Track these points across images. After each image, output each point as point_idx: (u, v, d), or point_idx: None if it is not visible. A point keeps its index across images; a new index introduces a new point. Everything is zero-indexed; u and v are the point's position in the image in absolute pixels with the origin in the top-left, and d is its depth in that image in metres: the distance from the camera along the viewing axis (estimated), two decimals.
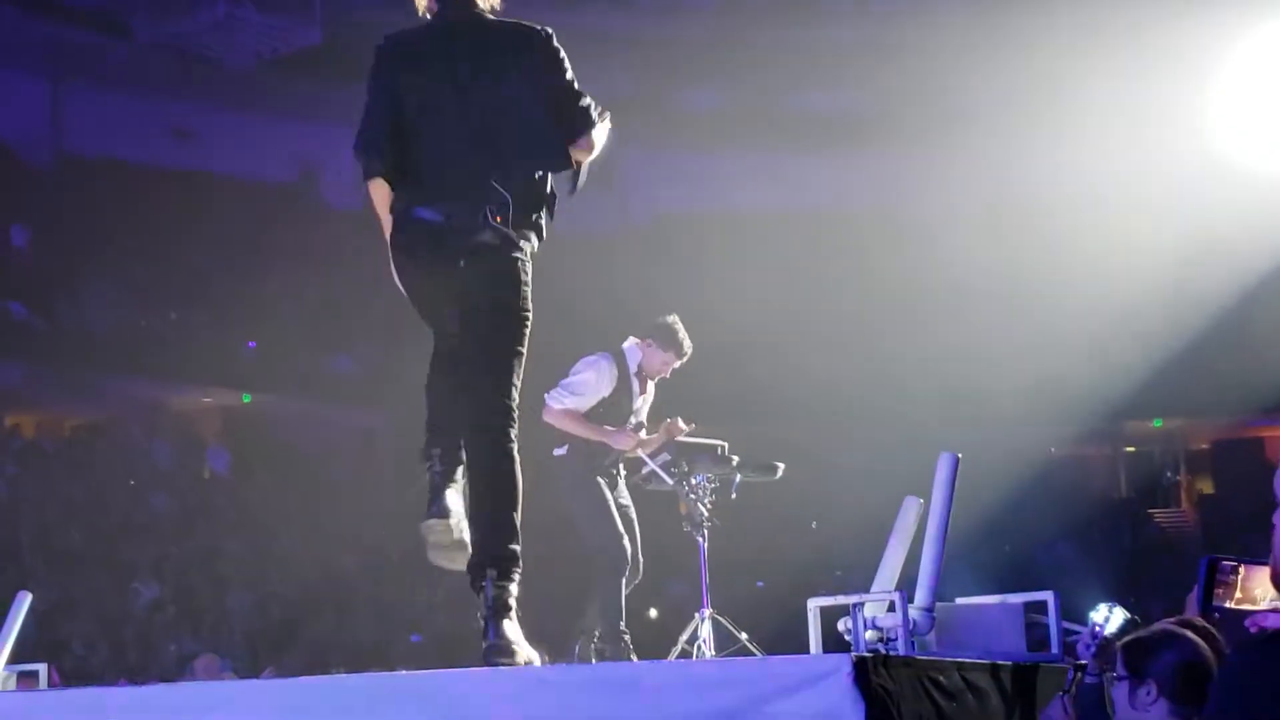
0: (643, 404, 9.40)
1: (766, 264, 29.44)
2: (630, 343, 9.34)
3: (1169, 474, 35.92)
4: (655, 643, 10.26)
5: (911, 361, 28.76)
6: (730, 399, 27.27)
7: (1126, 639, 5.10)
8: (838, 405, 29.65)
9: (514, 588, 5.72)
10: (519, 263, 5.66)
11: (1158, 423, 34.35)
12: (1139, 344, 28.73)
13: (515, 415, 5.71)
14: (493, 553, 5.69)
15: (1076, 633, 7.87)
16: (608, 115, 6.02)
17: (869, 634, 6.03)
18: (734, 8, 31.50)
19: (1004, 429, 27.85)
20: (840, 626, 6.21)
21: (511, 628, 5.71)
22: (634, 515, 9.27)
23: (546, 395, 9.17)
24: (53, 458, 26.42)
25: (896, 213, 32.37)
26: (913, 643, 5.96)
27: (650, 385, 9.42)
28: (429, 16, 6.06)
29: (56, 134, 30.95)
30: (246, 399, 29.41)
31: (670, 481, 9.19)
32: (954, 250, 29.71)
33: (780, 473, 9.55)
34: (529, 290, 5.70)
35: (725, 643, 8.98)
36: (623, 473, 9.35)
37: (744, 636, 8.90)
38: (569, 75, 5.85)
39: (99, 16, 29.07)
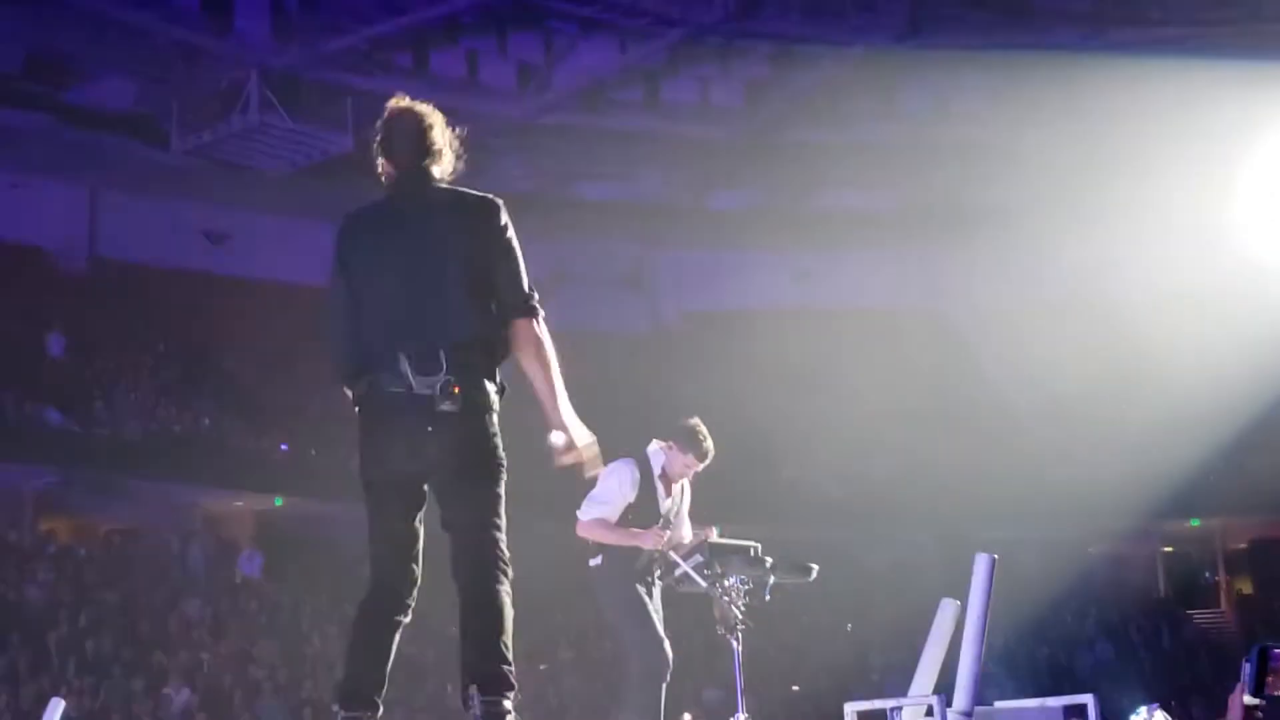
0: (672, 506, 9.32)
1: (797, 363, 29.45)
2: (654, 446, 9.29)
3: (1207, 574, 35.60)
4: None
5: (947, 461, 28.64)
6: (763, 499, 27.16)
7: None
8: (872, 505, 29.51)
9: (508, 705, 5.63)
10: (484, 421, 5.76)
11: (1195, 522, 34.08)
12: (1176, 444, 28.55)
13: (504, 547, 5.77)
14: (480, 671, 5.66)
15: None
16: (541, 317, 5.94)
17: None
18: (762, 109, 31.71)
19: (1041, 529, 27.66)
20: None
21: None
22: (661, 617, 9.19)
23: (577, 511, 9.16)
24: (86, 562, 26.40)
25: (929, 311, 32.39)
26: None
27: (678, 487, 9.35)
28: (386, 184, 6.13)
29: (92, 240, 31.23)
30: (279, 502, 29.41)
31: (703, 584, 9.09)
32: (988, 349, 29.69)
33: (815, 574, 9.44)
34: (499, 441, 5.78)
35: None
36: (658, 582, 9.27)
37: None
38: (516, 258, 5.87)
39: (134, 124, 29.41)
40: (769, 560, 9.12)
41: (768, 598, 9.06)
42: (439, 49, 30.34)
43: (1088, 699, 6.44)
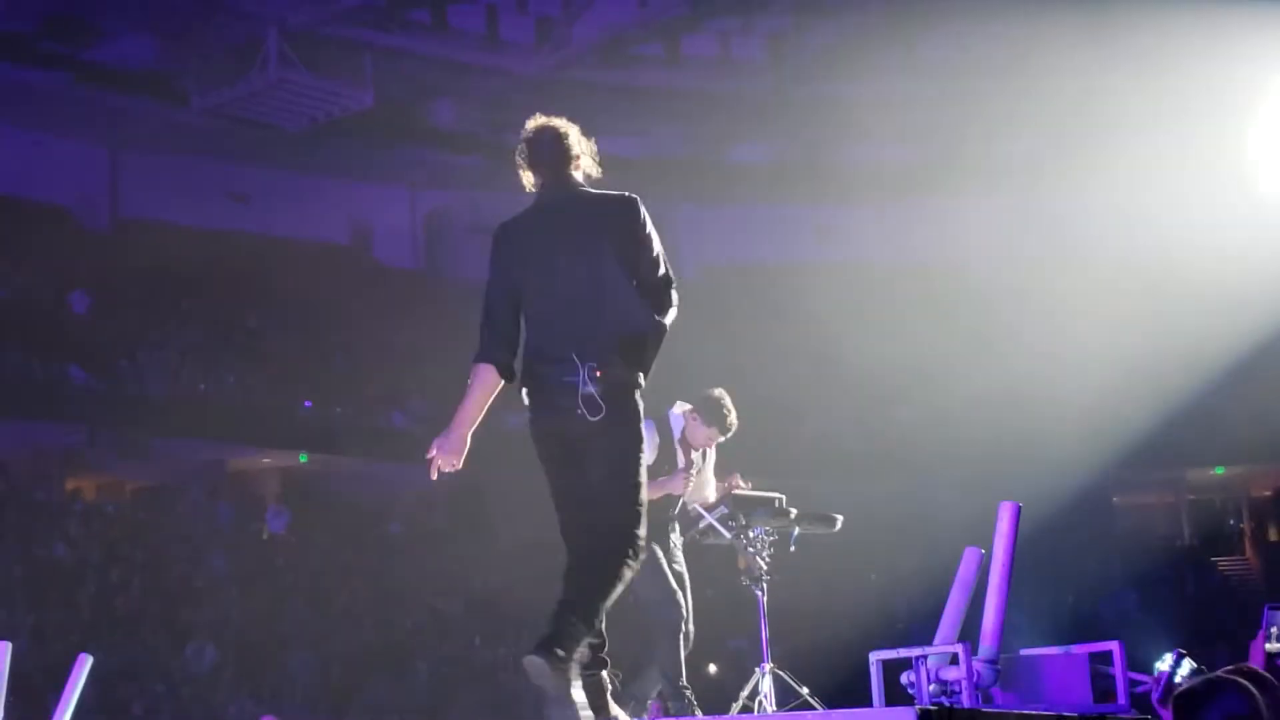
0: (690, 468, 9.29)
1: (818, 316, 29.39)
2: (677, 409, 9.29)
3: (1232, 521, 35.60)
4: (716, 699, 10.19)
5: (970, 411, 28.61)
6: (787, 451, 27.17)
7: (1177, 691, 5.01)
8: (896, 456, 29.53)
9: (605, 674, 6.44)
10: (629, 406, 6.45)
11: (1219, 470, 34.08)
12: (1199, 391, 28.52)
13: (639, 538, 6.37)
14: (558, 635, 6.13)
15: (1143, 683, 7.75)
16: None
17: (932, 687, 5.98)
18: (781, 63, 31.57)
19: (1065, 478, 27.63)
20: (903, 679, 6.15)
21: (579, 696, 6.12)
22: (688, 582, 9.20)
23: None
24: (113, 520, 26.55)
25: (951, 263, 32.30)
26: (977, 695, 5.90)
27: (698, 453, 9.33)
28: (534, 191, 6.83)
29: (114, 199, 31.29)
30: (304, 458, 29.53)
31: (728, 535, 9.11)
32: (1011, 300, 29.61)
33: (839, 525, 9.46)
34: (640, 425, 6.49)
35: (786, 698, 8.89)
36: (677, 541, 9.28)
37: (805, 691, 8.81)
38: (655, 246, 6.64)
39: (155, 83, 29.40)
40: (793, 511, 9.14)
41: (793, 548, 9.09)
42: (457, 4, 30.23)
43: (1113, 646, 6.45)
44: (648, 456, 9.10)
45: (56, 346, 27.20)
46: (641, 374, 6.54)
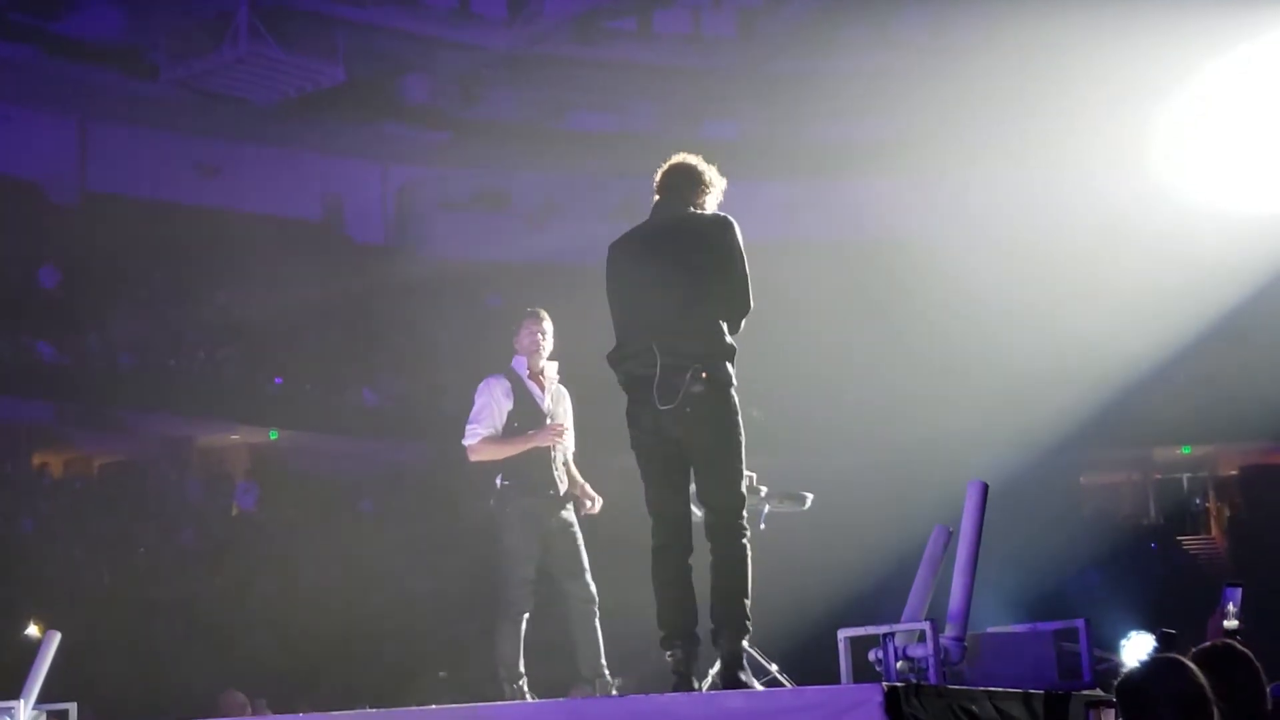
0: (554, 405, 9.41)
1: (790, 293, 29.39)
2: (514, 358, 9.46)
3: (1198, 501, 35.77)
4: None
5: (940, 390, 28.68)
6: (757, 428, 27.16)
7: (1119, 679, 5.03)
8: (866, 434, 29.56)
9: (745, 644, 7.22)
10: (727, 396, 7.27)
11: (1186, 449, 34.23)
12: (1165, 371, 28.64)
13: (744, 507, 7.30)
14: (728, 619, 7.09)
15: (1108, 660, 7.82)
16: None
17: (900, 664, 6.02)
18: (754, 39, 31.57)
19: (1033, 457, 27.73)
20: (871, 656, 6.19)
21: (744, 675, 7.15)
22: (579, 539, 9.32)
23: (462, 440, 9.29)
24: (81, 495, 26.48)
25: (921, 241, 32.29)
26: (944, 672, 5.94)
27: (553, 388, 9.45)
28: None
29: (82, 172, 31.12)
30: (274, 435, 29.47)
31: (698, 512, 9.15)
32: (980, 278, 29.65)
33: (809, 503, 9.50)
34: (738, 411, 7.32)
35: (755, 675, 8.91)
36: (563, 489, 9.39)
37: (774, 668, 8.83)
38: (741, 263, 7.52)
39: (124, 56, 29.25)
40: (763, 489, 9.17)
41: (762, 526, 9.11)
42: None
43: (1078, 624, 6.50)
44: (505, 404, 9.24)
45: (25, 321, 27.09)
46: (731, 366, 7.34)
